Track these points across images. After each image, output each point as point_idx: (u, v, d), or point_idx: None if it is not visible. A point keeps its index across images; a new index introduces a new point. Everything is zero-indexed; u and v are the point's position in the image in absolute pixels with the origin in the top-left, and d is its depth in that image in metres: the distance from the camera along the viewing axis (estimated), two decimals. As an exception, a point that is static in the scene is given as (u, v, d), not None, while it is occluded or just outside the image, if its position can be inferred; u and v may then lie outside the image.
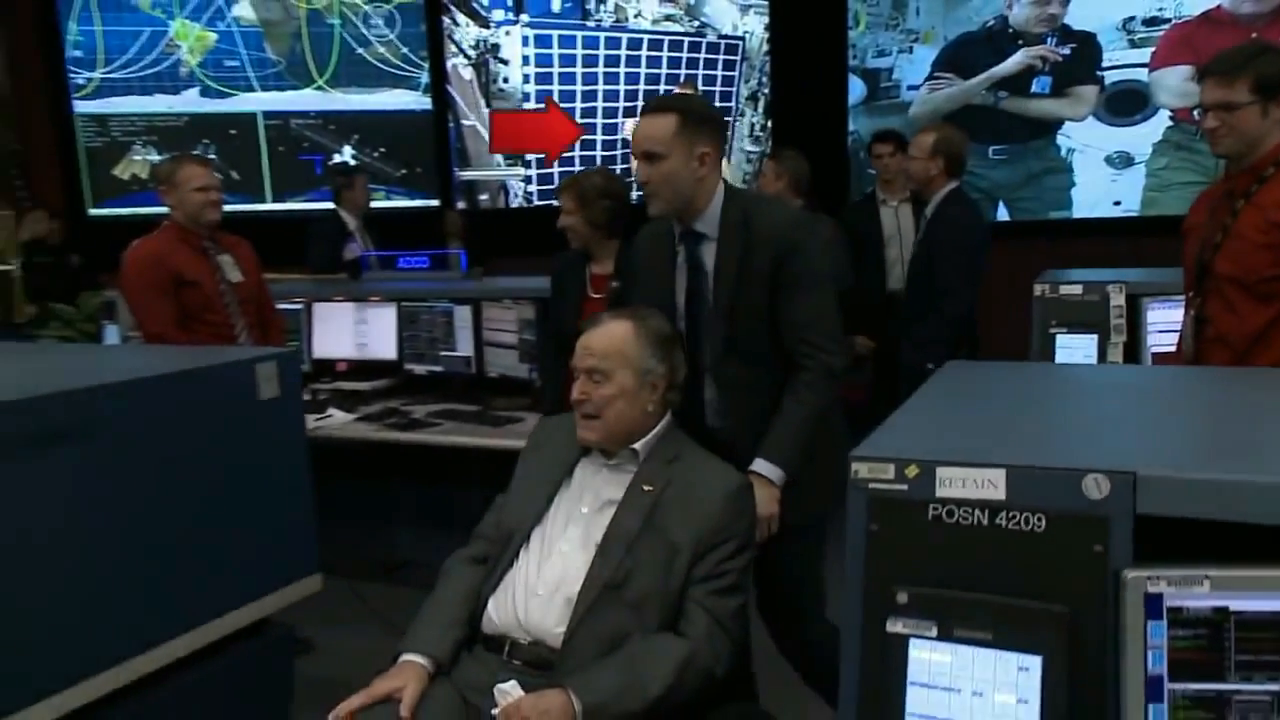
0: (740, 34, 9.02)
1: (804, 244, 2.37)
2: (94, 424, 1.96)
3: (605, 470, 2.13)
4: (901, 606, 1.16)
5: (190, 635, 2.13)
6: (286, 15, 9.36)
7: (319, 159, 9.42)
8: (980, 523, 1.17)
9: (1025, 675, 1.09)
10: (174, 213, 3.84)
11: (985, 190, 8.34)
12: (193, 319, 3.78)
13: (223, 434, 2.24)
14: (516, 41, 9.12)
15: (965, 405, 1.64)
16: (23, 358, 2.76)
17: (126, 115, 9.46)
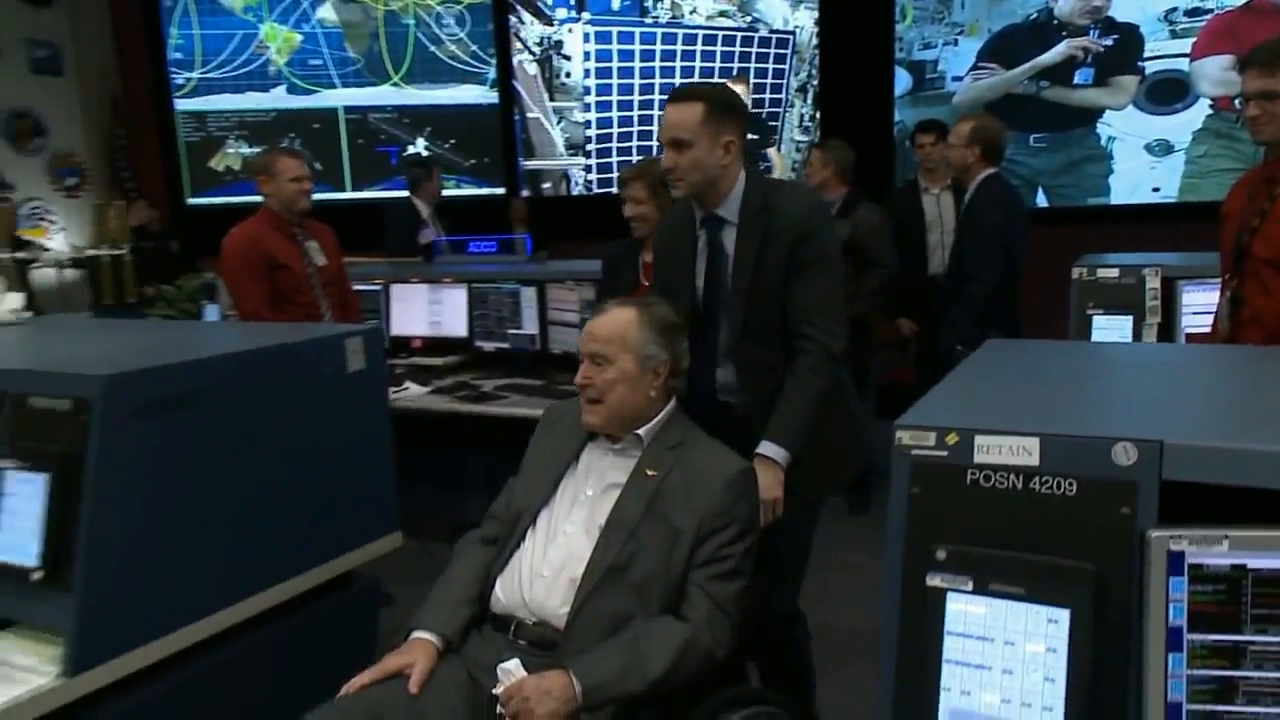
0: (791, 28, 8.95)
1: (820, 229, 2.32)
2: (203, 392, 2.03)
3: (611, 454, 2.07)
4: (940, 562, 1.17)
5: (287, 584, 2.19)
6: (365, 17, 9.47)
7: (394, 151, 9.54)
8: (1015, 487, 1.17)
9: (1054, 627, 1.10)
10: (268, 201, 3.92)
11: (1025, 177, 8.21)
12: (284, 299, 3.86)
13: (315, 403, 2.30)
14: (578, 38, 9.13)
15: (1002, 379, 1.64)
16: (139, 333, 2.89)
17: (221, 111, 9.66)
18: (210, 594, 2.01)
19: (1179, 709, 1.06)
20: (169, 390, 1.96)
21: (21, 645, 1.83)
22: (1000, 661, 1.12)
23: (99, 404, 1.83)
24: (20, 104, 8.94)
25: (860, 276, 4.48)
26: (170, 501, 1.96)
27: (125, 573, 1.86)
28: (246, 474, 2.11)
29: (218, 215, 5.02)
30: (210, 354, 2.16)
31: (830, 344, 2.28)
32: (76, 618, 1.77)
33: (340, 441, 2.37)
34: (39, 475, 1.87)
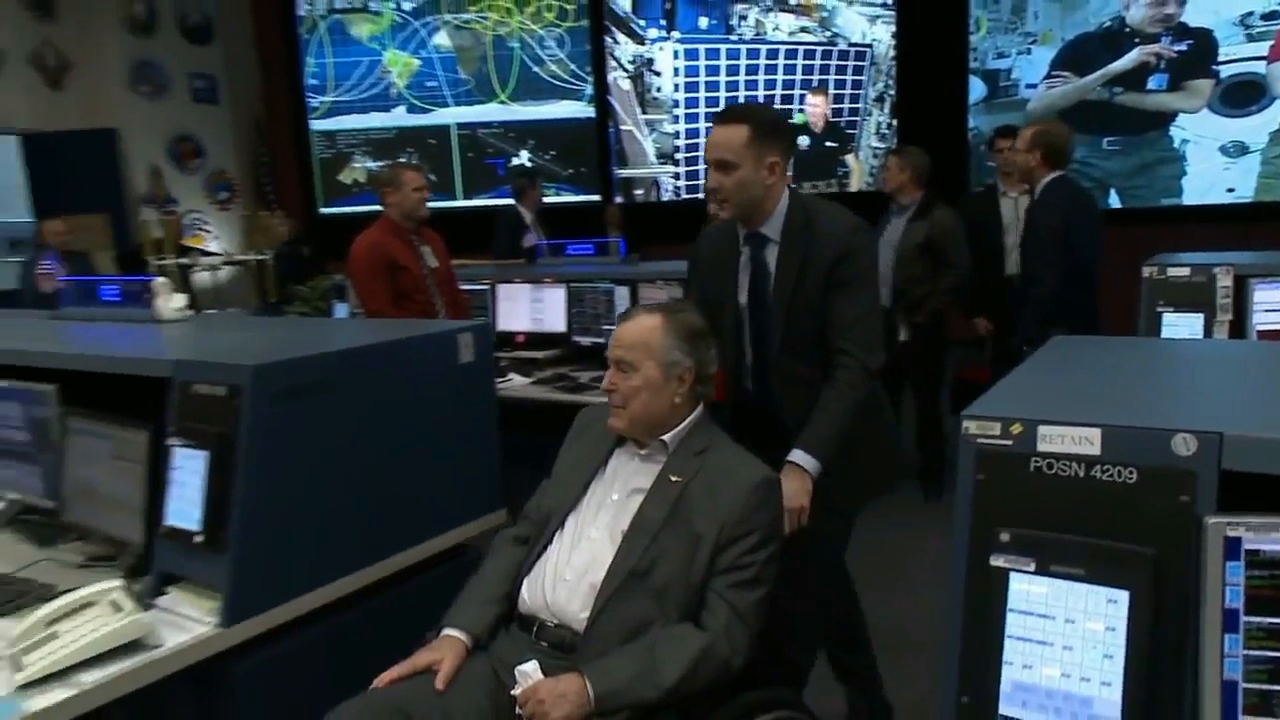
0: (868, 42, 8.81)
1: (860, 248, 2.21)
2: (335, 380, 2.09)
3: (637, 459, 1.93)
4: (1004, 544, 1.16)
5: (406, 553, 2.23)
6: (476, 41, 9.65)
7: (500, 162, 9.71)
8: (1076, 474, 1.15)
9: (1114, 606, 1.08)
10: (389, 210, 4.04)
11: (1098, 179, 7.95)
12: (404, 298, 3.97)
13: (430, 391, 2.34)
14: (668, 56, 9.15)
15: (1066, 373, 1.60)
16: (279, 329, 3.00)
17: (349, 130, 9.97)
18: (340, 560, 2.08)
19: (1234, 687, 1.04)
20: (306, 378, 2.03)
21: (187, 598, 1.92)
22: (1060, 638, 1.11)
23: (248, 390, 1.91)
24: (184, 129, 9.38)
25: (935, 276, 4.41)
26: (307, 476, 2.02)
27: (270, 538, 1.93)
28: (371, 453, 2.16)
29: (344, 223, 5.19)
30: (340, 347, 2.22)
31: (867, 359, 2.17)
32: (230, 577, 1.85)
33: (452, 426, 2.41)
34: (200, 452, 1.94)
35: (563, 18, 9.44)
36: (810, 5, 8.83)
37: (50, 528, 2.34)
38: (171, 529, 1.97)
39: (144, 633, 1.73)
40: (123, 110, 8.87)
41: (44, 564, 2.16)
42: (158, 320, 2.86)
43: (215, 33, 9.62)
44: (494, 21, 9.57)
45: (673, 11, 9.11)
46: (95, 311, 3.09)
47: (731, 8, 8.99)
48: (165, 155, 9.22)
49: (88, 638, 1.66)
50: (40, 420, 2.37)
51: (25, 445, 2.43)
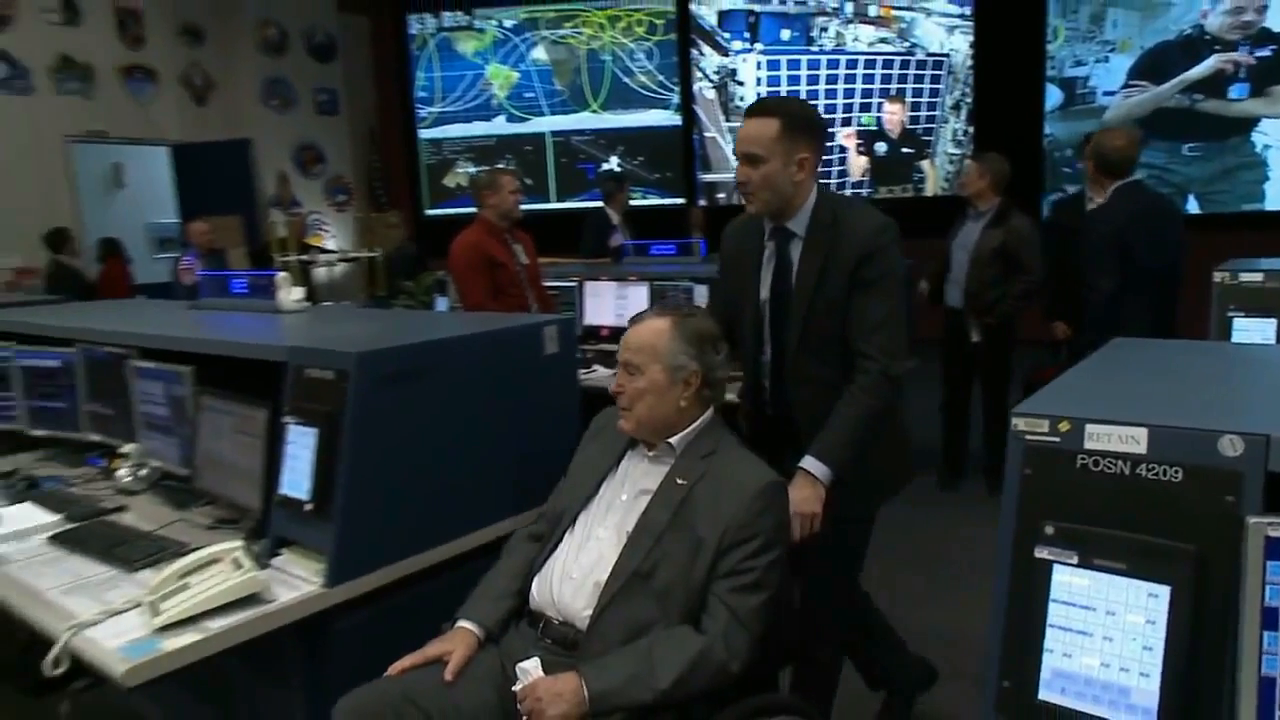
0: (946, 51, 8.60)
1: (885, 249, 2.00)
2: (432, 367, 2.11)
3: (646, 461, 1.83)
4: (1048, 537, 1.14)
5: (491, 528, 2.23)
6: (571, 55, 9.75)
7: (591, 167, 9.79)
8: (1122, 472, 1.12)
9: (1154, 600, 1.05)
10: (487, 211, 4.11)
11: (1177, 185, 7.61)
12: (500, 293, 4.04)
13: (517, 379, 2.35)
14: (752, 66, 9.10)
15: (1119, 374, 1.55)
16: (385, 320, 3.08)
17: (454, 138, 10.18)
18: (430, 532, 2.10)
19: (1273, 683, 1.00)
20: (405, 365, 2.06)
21: (297, 560, 1.98)
22: (1101, 629, 1.08)
23: (354, 374, 1.95)
24: (307, 138, 9.73)
25: (1008, 281, 4.28)
26: (403, 454, 2.05)
27: (369, 509, 1.97)
28: (461, 435, 2.18)
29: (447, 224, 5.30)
30: (436, 337, 2.26)
31: (889, 366, 1.99)
32: (335, 542, 1.89)
33: (537, 412, 2.41)
34: (311, 429, 2.00)
35: (652, 32, 9.47)
36: (890, 17, 8.66)
37: (185, 493, 2.45)
38: (285, 498, 2.03)
39: (260, 589, 1.81)
40: (256, 122, 9.25)
41: (178, 524, 2.27)
42: (279, 311, 2.94)
43: (337, 51, 9.93)
44: (588, 36, 9.65)
45: (756, 25, 9.04)
46: (226, 302, 3.20)
47: (813, 20, 8.88)
48: (291, 162, 9.58)
49: (213, 590, 1.75)
50: (179, 398, 2.47)
51: (166, 419, 2.53)
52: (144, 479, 2.59)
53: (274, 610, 1.80)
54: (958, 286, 4.43)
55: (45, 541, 2.20)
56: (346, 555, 1.91)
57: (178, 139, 8.82)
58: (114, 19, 8.42)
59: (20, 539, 2.23)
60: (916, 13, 8.59)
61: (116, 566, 2.01)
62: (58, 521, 2.33)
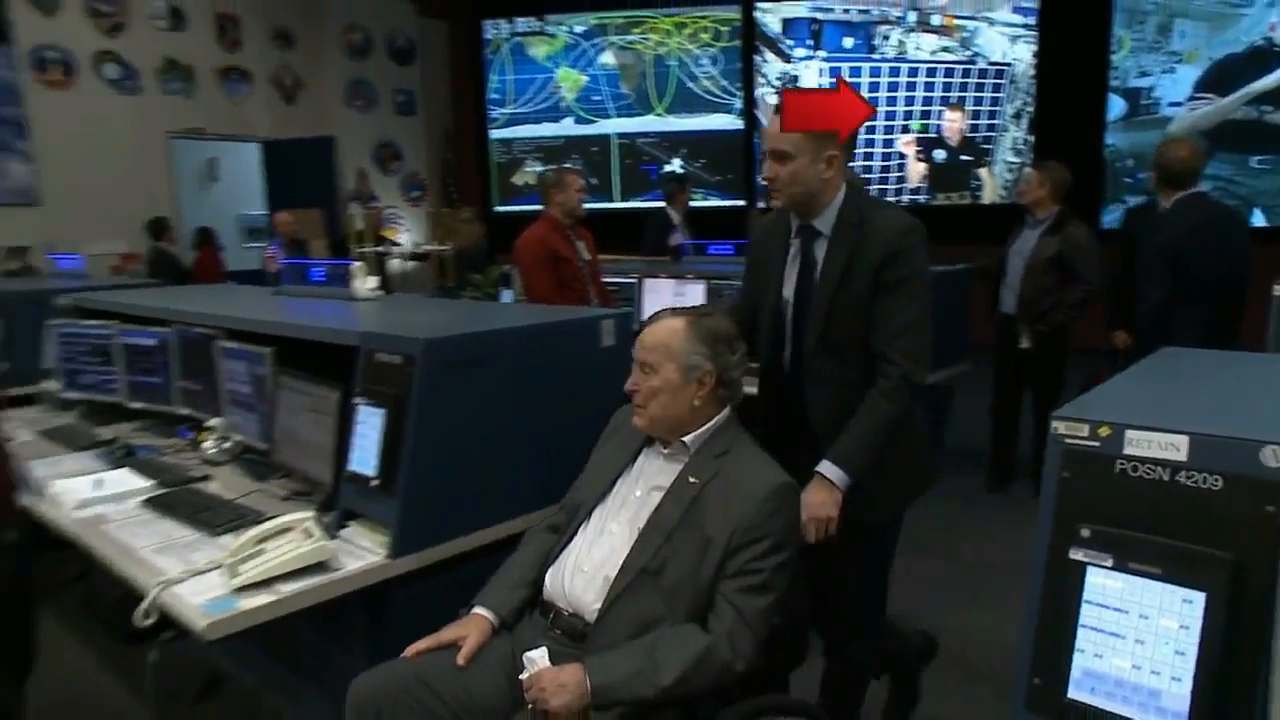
0: (1009, 60, 8.39)
1: (911, 250, 1.89)
2: (493, 354, 2.13)
3: (660, 459, 1.77)
4: (1083, 539, 1.11)
5: (540, 512, 2.20)
6: (637, 60, 9.76)
7: (654, 169, 9.80)
8: (1161, 478, 1.09)
9: (1189, 606, 1.02)
10: (553, 208, 4.14)
11: (1243, 197, 7.32)
12: (564, 287, 4.07)
13: (573, 369, 2.34)
14: (814, 73, 9.00)
15: (1165, 382, 1.51)
16: (453, 310, 3.11)
17: (523, 139, 10.28)
18: (486, 512, 2.12)
19: (1309, 691, 0.97)
20: (469, 352, 2.08)
21: (363, 532, 2.03)
22: (1133, 632, 1.05)
23: (420, 360, 1.97)
24: (386, 137, 9.93)
25: (1063, 289, 4.17)
26: (464, 437, 2.07)
27: (431, 488, 1.99)
28: (519, 420, 2.19)
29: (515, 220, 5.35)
30: (500, 327, 2.28)
31: (911, 371, 1.88)
32: (398, 517, 1.93)
33: (591, 401, 2.36)
34: (379, 410, 2.03)
35: (717, 38, 9.43)
36: (952, 26, 8.49)
37: (263, 465, 2.53)
38: (353, 474, 2.07)
39: (328, 557, 1.87)
40: (339, 121, 9.47)
41: (256, 494, 2.35)
42: (354, 298, 3.00)
43: (416, 54, 10.10)
44: (655, 42, 9.66)
45: (819, 33, 8.94)
46: (306, 289, 3.28)
47: (875, 29, 8.74)
48: (371, 159, 9.78)
49: (286, 556, 1.81)
50: (260, 377, 2.54)
51: (248, 397, 2.61)
52: (227, 451, 2.68)
53: (340, 578, 1.86)
54: (1012, 292, 4.34)
55: (139, 504, 2.30)
56: (408, 530, 1.95)
57: (268, 136, 9.08)
58: (214, 24, 8.70)
59: (118, 501, 2.33)
60: (979, 22, 8.40)
61: (201, 530, 2.08)
62: (151, 487, 2.43)
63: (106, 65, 7.99)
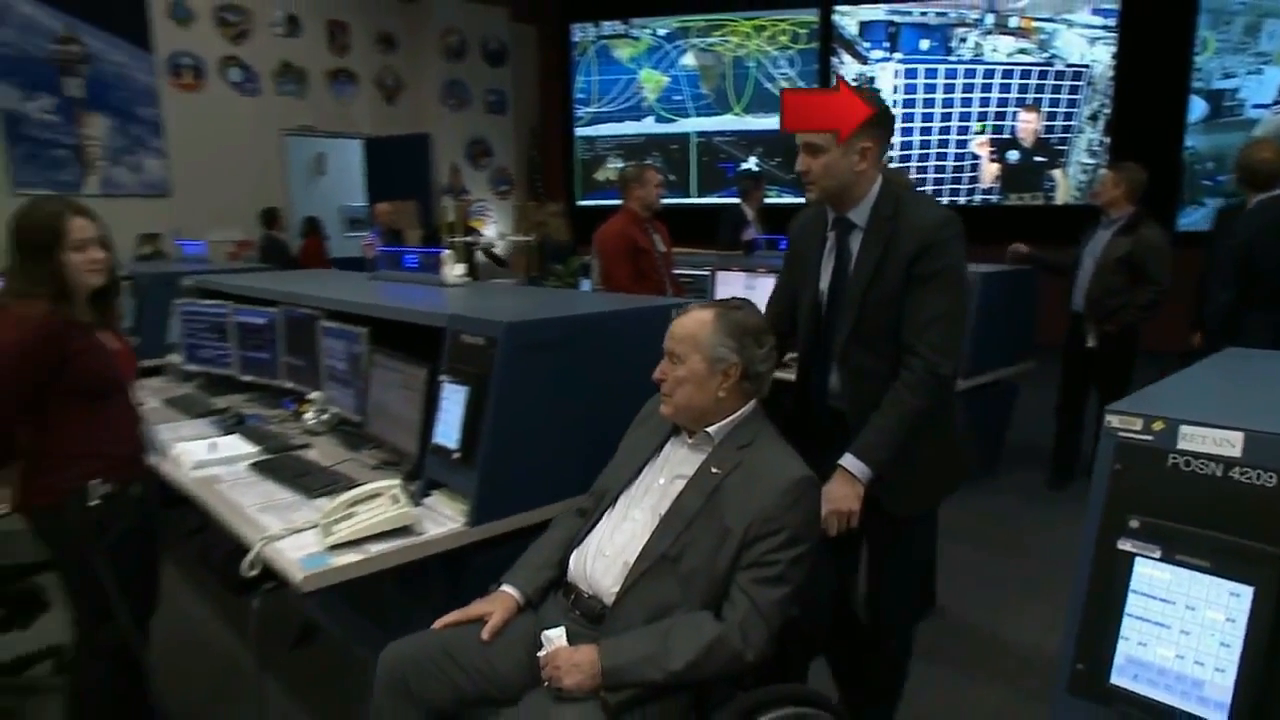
0: (1086, 62, 8.05)
1: (946, 243, 1.79)
2: (570, 338, 2.15)
3: (685, 448, 1.73)
4: (1132, 530, 1.08)
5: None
6: (717, 61, 9.69)
7: (731, 166, 9.73)
8: (1214, 474, 1.05)
9: (1235, 600, 0.99)
10: (632, 202, 4.13)
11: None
12: (641, 277, 4.07)
13: (645, 355, 2.24)
14: (890, 74, 8.79)
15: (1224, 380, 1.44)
16: (534, 297, 3.15)
17: (606, 136, 10.33)
18: (557, 487, 2.12)
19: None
20: (547, 336, 2.11)
21: (445, 501, 2.08)
22: (1179, 623, 1.02)
23: (502, 342, 2.01)
24: (478, 134, 10.11)
25: (1133, 290, 4.00)
26: (540, 415, 2.10)
27: (509, 460, 2.03)
28: (592, 402, 2.20)
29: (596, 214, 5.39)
30: (577, 313, 2.31)
31: (938, 364, 1.78)
32: (477, 488, 1.98)
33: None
34: (463, 388, 2.08)
35: (795, 40, 9.30)
36: (1030, 28, 8.18)
37: (357, 436, 2.61)
38: (437, 446, 2.13)
39: (413, 522, 1.93)
40: (435, 119, 9.67)
41: (349, 463, 2.44)
42: (443, 284, 3.07)
43: (507, 57, 10.24)
44: (734, 44, 9.57)
45: (896, 35, 8.73)
46: (400, 275, 3.36)
47: (953, 31, 8.49)
48: (463, 155, 9.97)
49: (374, 519, 1.88)
50: (356, 354, 2.62)
51: (345, 373, 2.70)
52: (325, 423, 2.77)
53: (422, 541, 1.91)
54: (1081, 291, 4.18)
55: (247, 468, 2.42)
56: (485, 500, 1.99)
57: (370, 133, 9.34)
58: (326, 31, 8.99)
59: (229, 464, 2.46)
60: (1058, 24, 8.07)
61: (299, 493, 2.17)
62: (258, 452, 2.55)
63: (231, 69, 8.34)
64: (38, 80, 7.23)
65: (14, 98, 7.12)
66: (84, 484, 2.00)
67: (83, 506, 1.99)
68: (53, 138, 7.36)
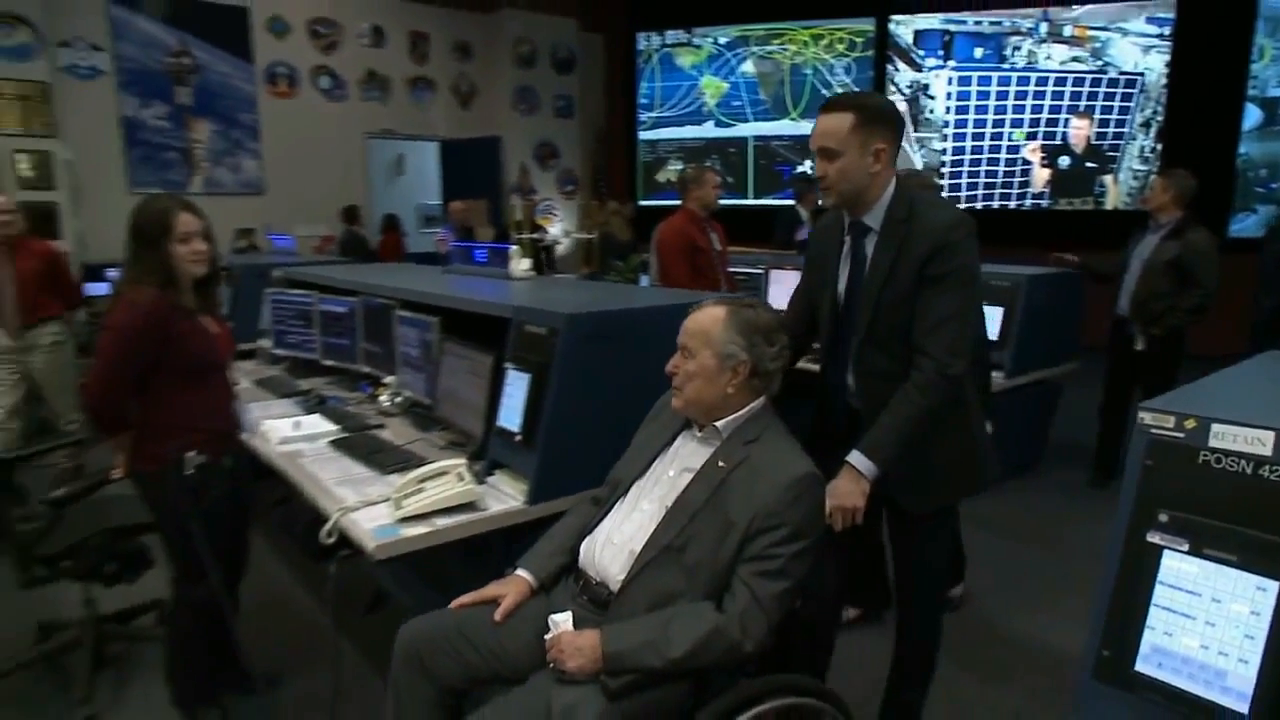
0: (1140, 70, 7.75)
1: (956, 244, 1.72)
2: (626, 330, 2.16)
3: (695, 441, 1.70)
4: (1161, 524, 1.06)
5: None
6: (775, 69, 9.60)
7: (787, 169, 9.63)
8: (1244, 471, 1.02)
9: (1261, 594, 0.96)
10: (690, 202, 4.13)
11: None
12: (698, 274, 4.05)
13: None
14: (943, 82, 8.60)
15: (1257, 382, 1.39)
16: (594, 291, 3.15)
17: (667, 140, 10.33)
18: (610, 469, 2.01)
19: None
20: (606, 327, 2.12)
21: (506, 480, 2.13)
22: (1204, 614, 1.00)
23: (563, 332, 2.04)
24: (546, 137, 10.21)
25: (1179, 294, 3.86)
26: (598, 402, 2.10)
27: (565, 445, 2.05)
28: (646, 391, 2.12)
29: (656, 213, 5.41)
30: (635, 306, 2.32)
31: (947, 365, 1.72)
32: (536, 468, 2.01)
33: None
34: (525, 375, 2.12)
35: (851, 49, 9.16)
36: (1085, 36, 7.90)
37: (427, 418, 2.66)
38: (501, 429, 2.17)
39: (476, 499, 1.97)
40: (506, 123, 9.80)
41: (420, 442, 2.49)
42: (510, 278, 3.09)
43: (575, 64, 10.31)
44: (792, 52, 9.47)
45: (950, 43, 8.53)
46: (470, 268, 3.40)
47: (1007, 40, 8.26)
48: (531, 156, 10.08)
49: (441, 495, 1.93)
50: (428, 342, 2.67)
51: (417, 359, 2.75)
52: (398, 405, 2.83)
53: (485, 517, 1.95)
54: (1127, 294, 4.05)
55: (327, 444, 2.50)
56: (544, 480, 2.02)
57: (445, 136, 9.51)
58: (408, 41, 9.18)
59: (311, 440, 2.54)
60: (1112, 33, 7.78)
61: (374, 469, 2.24)
62: (337, 430, 2.62)
63: (321, 77, 8.59)
64: (153, 90, 7.57)
65: (133, 105, 7.47)
66: (182, 455, 2.10)
67: (180, 475, 2.09)
68: (164, 141, 7.70)
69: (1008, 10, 8.20)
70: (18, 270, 4.05)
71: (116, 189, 7.39)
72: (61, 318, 4.31)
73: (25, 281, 4.07)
